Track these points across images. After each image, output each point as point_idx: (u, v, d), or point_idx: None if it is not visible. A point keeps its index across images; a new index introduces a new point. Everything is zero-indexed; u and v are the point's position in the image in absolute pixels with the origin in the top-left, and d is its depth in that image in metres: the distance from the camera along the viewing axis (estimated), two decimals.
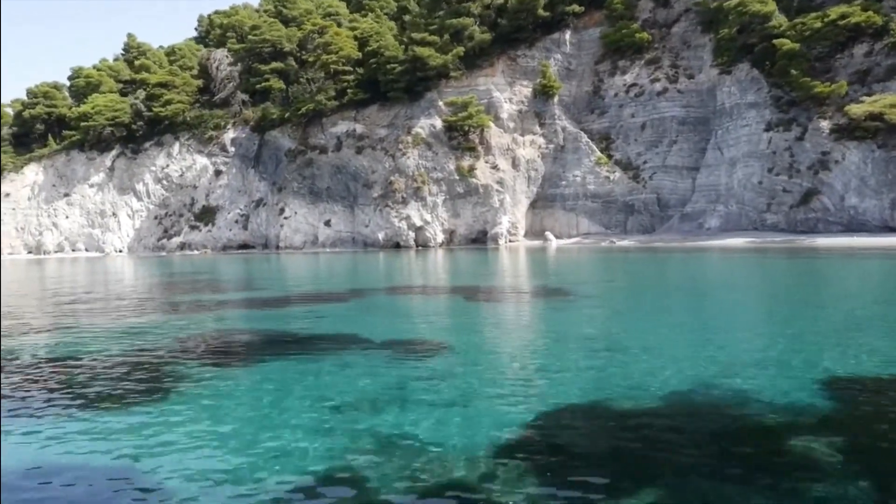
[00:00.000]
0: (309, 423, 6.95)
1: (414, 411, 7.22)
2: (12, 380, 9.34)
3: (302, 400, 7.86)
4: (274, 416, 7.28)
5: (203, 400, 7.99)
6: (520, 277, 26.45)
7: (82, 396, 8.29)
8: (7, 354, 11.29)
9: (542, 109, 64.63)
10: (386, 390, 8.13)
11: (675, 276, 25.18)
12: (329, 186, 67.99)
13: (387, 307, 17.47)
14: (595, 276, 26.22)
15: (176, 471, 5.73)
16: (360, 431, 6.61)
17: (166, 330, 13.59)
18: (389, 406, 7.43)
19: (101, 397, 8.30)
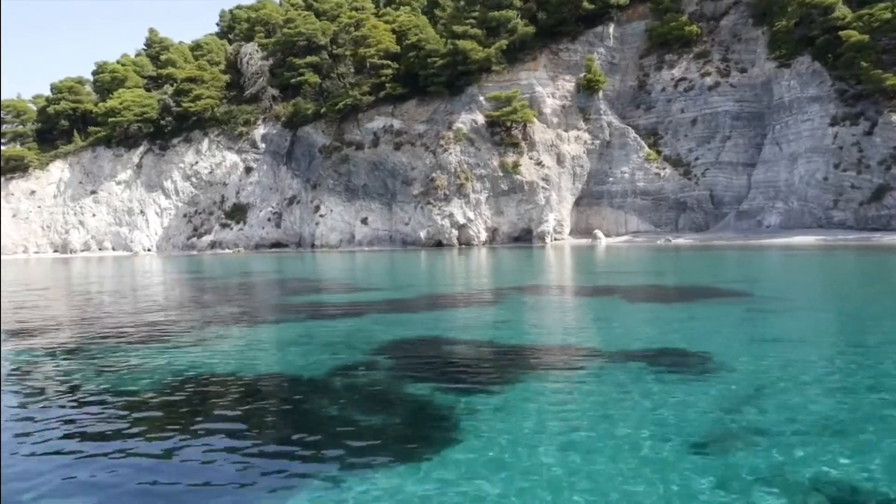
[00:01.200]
0: (688, 467, 5.29)
1: (838, 446, 5.58)
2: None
3: (649, 434, 6.11)
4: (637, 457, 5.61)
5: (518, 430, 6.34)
6: (636, 274, 24.75)
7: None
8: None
9: (585, 104, 62.99)
10: (727, 419, 6.47)
11: (815, 275, 23.57)
12: (366, 183, 66.32)
13: (564, 309, 15.81)
14: (727, 275, 24.56)
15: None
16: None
17: (361, 340, 11.94)
18: (762, 439, 5.77)
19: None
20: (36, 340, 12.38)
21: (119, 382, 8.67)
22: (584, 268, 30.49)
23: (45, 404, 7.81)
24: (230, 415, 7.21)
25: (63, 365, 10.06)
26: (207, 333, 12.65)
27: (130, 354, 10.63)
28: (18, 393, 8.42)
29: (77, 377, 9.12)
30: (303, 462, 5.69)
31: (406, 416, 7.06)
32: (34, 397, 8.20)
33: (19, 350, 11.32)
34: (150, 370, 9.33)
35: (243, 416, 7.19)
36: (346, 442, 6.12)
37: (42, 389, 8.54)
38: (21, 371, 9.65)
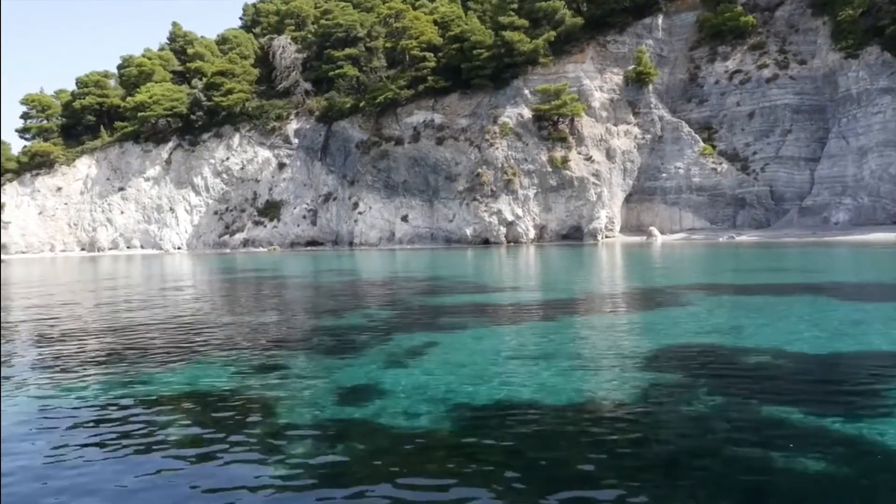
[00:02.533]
0: None
1: None
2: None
3: None
4: None
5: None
6: (772, 272, 22.78)
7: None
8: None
9: (635, 98, 61.09)
10: None
11: None
12: (406, 179, 64.35)
13: (784, 310, 13.86)
14: (869, 273, 22.65)
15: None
16: None
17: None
18: None
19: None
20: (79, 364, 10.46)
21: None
22: (694, 266, 28.52)
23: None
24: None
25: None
26: (383, 344, 10.72)
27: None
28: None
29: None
30: None
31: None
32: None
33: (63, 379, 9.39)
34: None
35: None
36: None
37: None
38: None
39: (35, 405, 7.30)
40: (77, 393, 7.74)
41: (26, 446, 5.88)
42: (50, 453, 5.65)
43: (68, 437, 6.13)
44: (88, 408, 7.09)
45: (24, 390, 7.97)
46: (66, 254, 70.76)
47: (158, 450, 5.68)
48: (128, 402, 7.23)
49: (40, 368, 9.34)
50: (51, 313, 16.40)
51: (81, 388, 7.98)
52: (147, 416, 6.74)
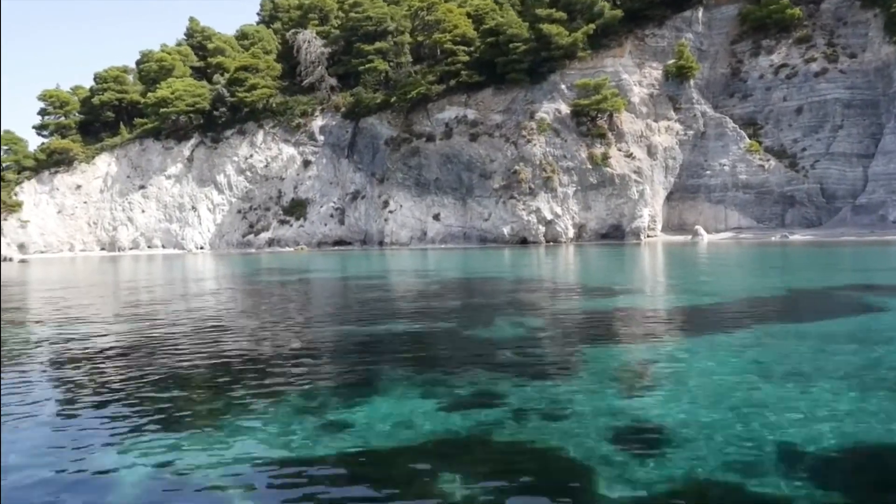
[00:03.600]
0: None
1: None
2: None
3: None
4: None
5: None
6: (877, 272, 20.97)
7: None
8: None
9: (676, 93, 59.31)
10: None
11: None
12: (438, 177, 62.50)
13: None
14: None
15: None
16: None
17: None
18: None
19: None
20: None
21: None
22: (808, 264, 26.69)
23: None
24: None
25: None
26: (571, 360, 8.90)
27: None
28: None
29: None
30: None
31: None
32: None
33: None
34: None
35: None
36: None
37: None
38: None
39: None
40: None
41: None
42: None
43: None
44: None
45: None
46: (85, 253, 68.89)
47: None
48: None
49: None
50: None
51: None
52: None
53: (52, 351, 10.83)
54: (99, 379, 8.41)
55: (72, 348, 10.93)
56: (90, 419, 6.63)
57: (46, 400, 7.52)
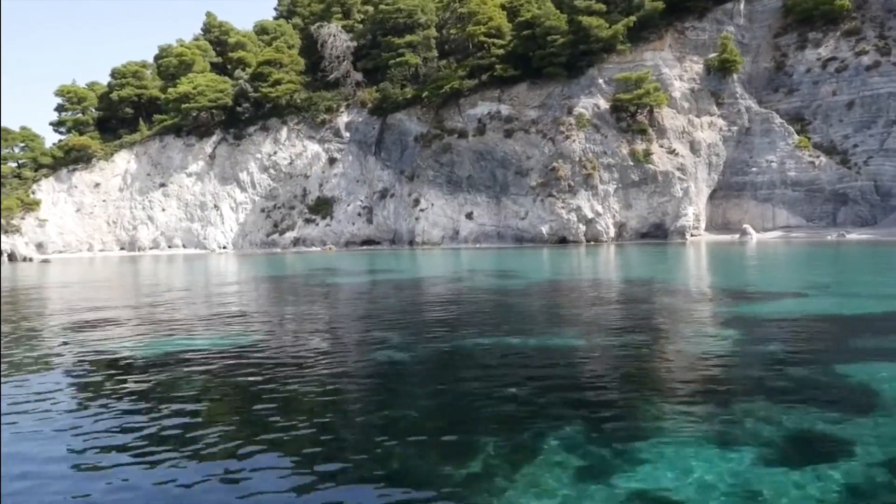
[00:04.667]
0: None
1: None
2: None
3: None
4: None
5: None
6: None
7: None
8: None
9: (718, 88, 57.39)
10: None
11: None
12: (470, 174, 60.58)
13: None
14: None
15: None
16: None
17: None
18: None
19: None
20: None
21: None
22: (875, 267, 24.79)
23: None
24: None
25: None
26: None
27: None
28: None
29: None
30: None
31: None
32: None
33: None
34: None
35: None
36: None
37: None
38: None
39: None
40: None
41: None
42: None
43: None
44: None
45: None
46: (104, 253, 66.92)
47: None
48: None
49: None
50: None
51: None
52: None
53: (102, 364, 8.94)
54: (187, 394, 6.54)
55: (117, 359, 9.04)
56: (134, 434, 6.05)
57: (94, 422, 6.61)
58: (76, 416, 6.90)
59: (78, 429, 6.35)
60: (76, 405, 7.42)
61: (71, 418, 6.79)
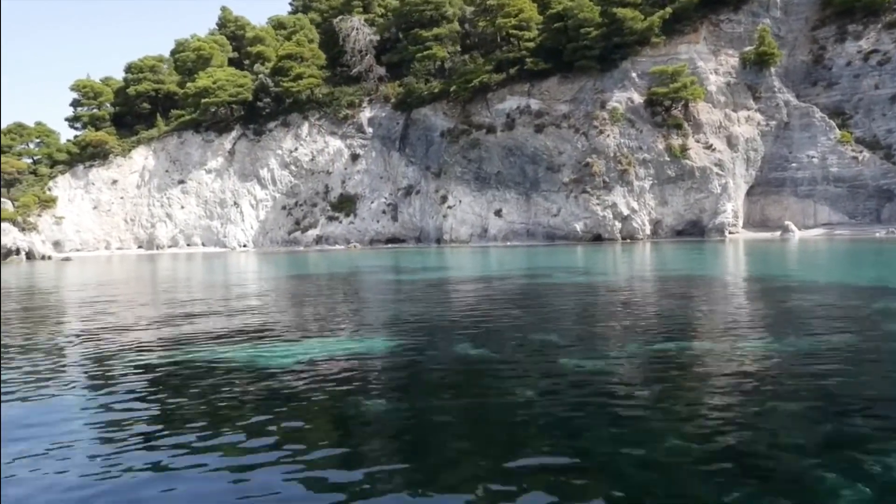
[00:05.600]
0: None
1: None
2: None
3: None
4: None
5: None
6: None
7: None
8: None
9: (755, 81, 55.98)
10: None
11: None
12: (499, 171, 59.16)
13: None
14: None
15: None
16: None
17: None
18: None
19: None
20: None
21: None
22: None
23: None
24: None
25: None
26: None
27: None
28: None
29: None
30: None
31: None
32: None
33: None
34: None
35: None
36: None
37: None
38: None
39: None
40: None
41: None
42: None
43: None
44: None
45: None
46: (122, 252, 65.47)
47: None
48: None
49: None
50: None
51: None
52: None
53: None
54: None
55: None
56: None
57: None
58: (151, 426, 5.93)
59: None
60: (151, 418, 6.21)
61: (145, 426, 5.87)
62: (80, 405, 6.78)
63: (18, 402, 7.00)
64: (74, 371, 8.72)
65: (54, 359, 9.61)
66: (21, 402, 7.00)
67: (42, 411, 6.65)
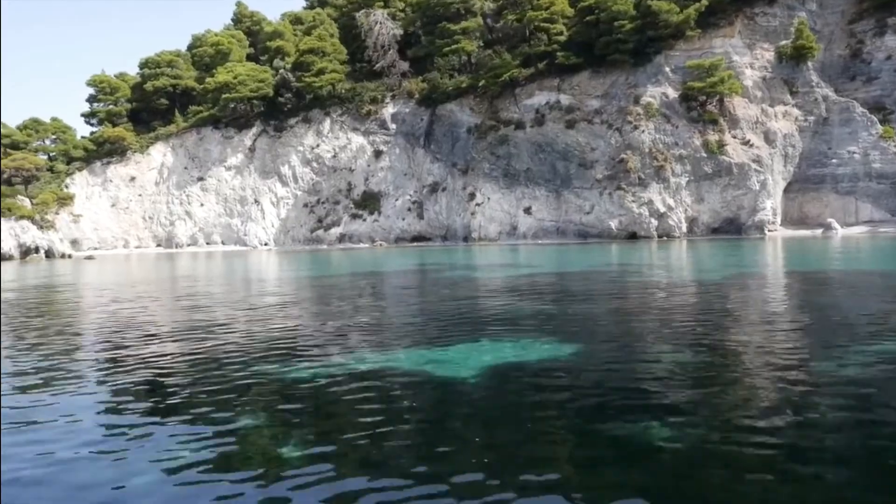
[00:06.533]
0: None
1: None
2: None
3: None
4: None
5: None
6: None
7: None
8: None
9: (791, 76, 54.82)
10: None
11: None
12: (529, 167, 57.86)
13: None
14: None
15: None
16: None
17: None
18: None
19: None
20: None
21: None
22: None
23: None
24: None
25: None
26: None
27: None
28: None
29: None
30: None
31: None
32: None
33: None
34: None
35: None
36: None
37: None
38: None
39: None
40: None
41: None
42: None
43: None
44: None
45: None
46: (140, 250, 64.05)
47: None
48: None
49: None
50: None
51: None
52: None
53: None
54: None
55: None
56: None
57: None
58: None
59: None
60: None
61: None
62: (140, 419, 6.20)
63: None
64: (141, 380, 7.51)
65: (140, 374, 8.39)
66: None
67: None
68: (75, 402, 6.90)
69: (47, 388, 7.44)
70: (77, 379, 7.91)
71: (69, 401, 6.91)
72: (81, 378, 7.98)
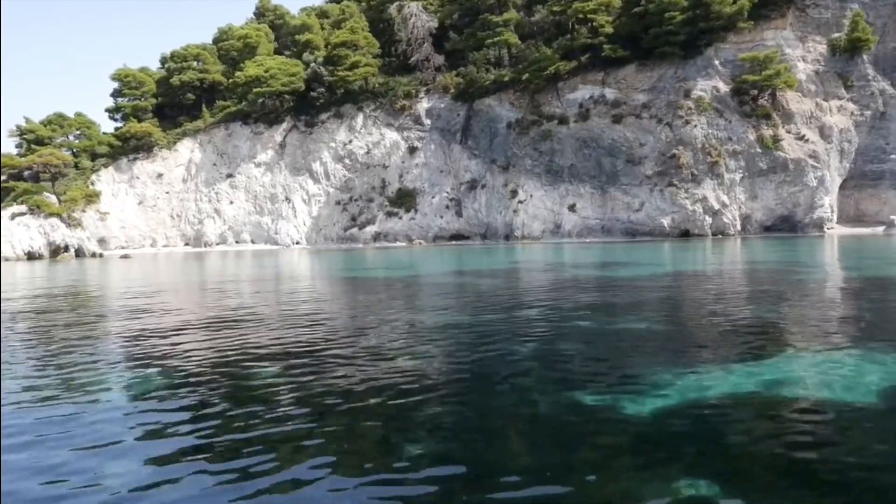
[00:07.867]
0: None
1: None
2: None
3: None
4: None
5: None
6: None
7: None
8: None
9: (846, 69, 53.33)
10: None
11: None
12: (573, 164, 56.20)
13: None
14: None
15: None
16: None
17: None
18: None
19: None
20: None
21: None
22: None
23: None
24: None
25: None
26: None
27: None
28: None
29: None
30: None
31: None
32: None
33: None
34: None
35: None
36: None
37: None
38: None
39: None
40: None
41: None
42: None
43: None
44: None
45: None
46: (168, 249, 62.25)
47: None
48: None
49: None
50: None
51: None
52: None
53: None
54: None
55: None
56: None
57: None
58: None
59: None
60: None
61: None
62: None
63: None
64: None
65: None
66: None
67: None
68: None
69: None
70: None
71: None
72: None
